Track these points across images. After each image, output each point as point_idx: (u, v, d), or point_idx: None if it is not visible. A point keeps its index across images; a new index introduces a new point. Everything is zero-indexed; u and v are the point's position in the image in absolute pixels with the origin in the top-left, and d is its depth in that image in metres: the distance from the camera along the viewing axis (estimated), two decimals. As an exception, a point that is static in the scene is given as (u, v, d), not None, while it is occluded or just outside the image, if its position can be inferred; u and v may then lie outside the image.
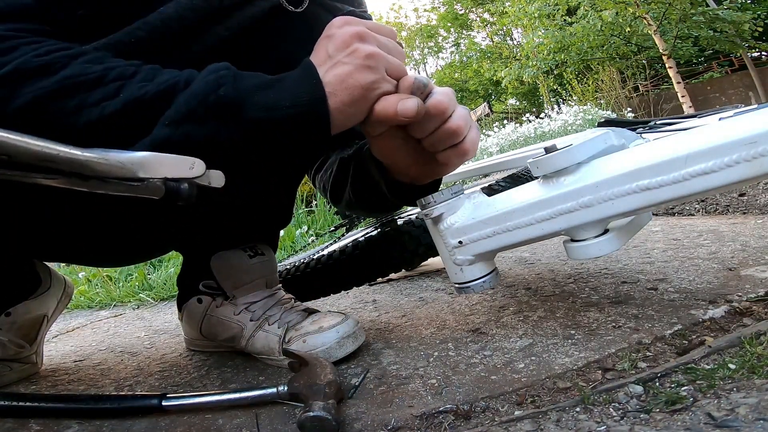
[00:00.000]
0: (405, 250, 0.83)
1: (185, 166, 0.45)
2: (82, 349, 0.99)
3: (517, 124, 6.25)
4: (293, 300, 0.75)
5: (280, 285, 0.79)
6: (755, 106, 0.60)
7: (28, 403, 0.57)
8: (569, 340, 0.58)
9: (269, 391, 0.52)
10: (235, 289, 0.72)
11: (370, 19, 0.75)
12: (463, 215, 0.60)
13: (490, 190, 0.81)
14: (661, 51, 8.25)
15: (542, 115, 6.39)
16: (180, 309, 0.80)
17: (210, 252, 0.72)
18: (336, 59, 0.49)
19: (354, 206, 0.78)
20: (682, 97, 8.05)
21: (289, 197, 0.79)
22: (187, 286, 0.78)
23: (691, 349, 0.51)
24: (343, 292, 0.92)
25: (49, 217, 0.62)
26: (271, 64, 0.61)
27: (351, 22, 0.52)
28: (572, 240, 0.57)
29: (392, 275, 1.09)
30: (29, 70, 0.42)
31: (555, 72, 10.78)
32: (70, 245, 0.71)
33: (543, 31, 9.75)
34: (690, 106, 8.00)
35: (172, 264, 2.02)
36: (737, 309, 0.59)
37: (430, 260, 1.05)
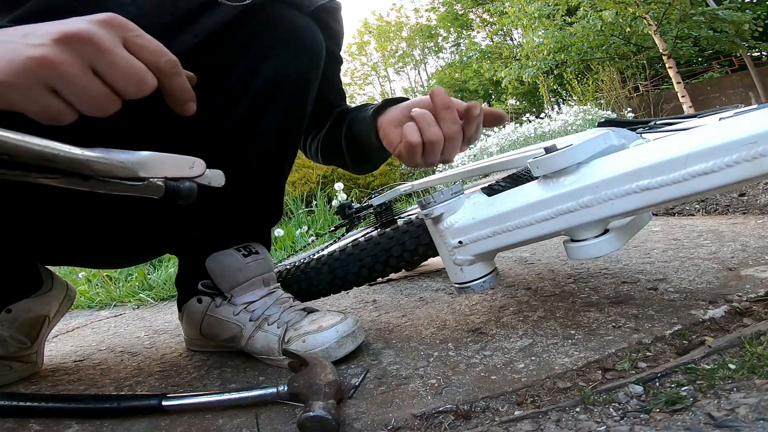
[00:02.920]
0: (405, 250, 0.83)
1: (185, 166, 0.45)
2: (82, 349, 0.99)
3: (517, 124, 6.24)
4: (292, 299, 0.75)
5: (279, 284, 0.79)
6: (755, 106, 0.60)
7: (28, 403, 0.57)
8: (569, 340, 0.58)
9: (269, 391, 0.52)
10: (232, 289, 0.71)
11: (339, 6, 0.79)
12: (463, 215, 0.61)
13: (490, 190, 0.81)
14: (661, 51, 8.25)
15: (542, 115, 6.38)
16: (180, 309, 0.80)
17: (204, 253, 0.72)
18: None
19: (348, 160, 0.85)
20: (682, 97, 8.04)
21: (277, 193, 0.79)
22: (186, 286, 0.78)
23: (691, 349, 0.51)
24: (343, 292, 0.92)
25: (43, 217, 0.62)
26: (240, 68, 0.64)
27: None
28: (572, 240, 0.57)
29: (392, 275, 1.09)
30: None
31: (555, 72, 10.78)
32: (64, 246, 0.71)
33: (543, 31, 9.74)
34: (690, 106, 8.00)
35: (172, 264, 2.02)
36: (737, 309, 0.59)
37: (430, 260, 1.05)
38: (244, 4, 0.63)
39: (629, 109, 7.42)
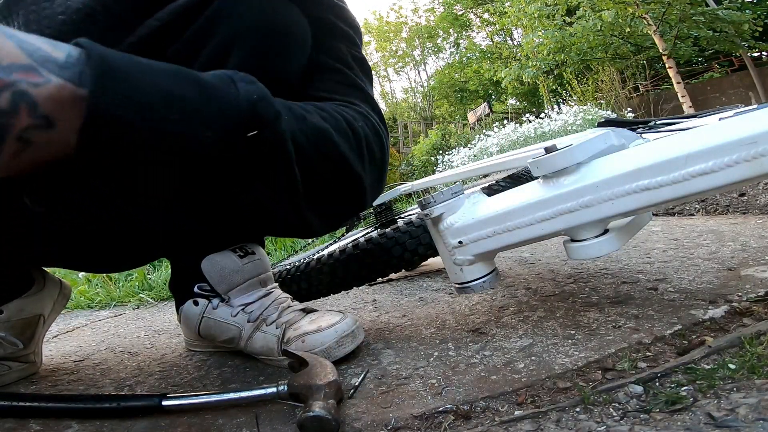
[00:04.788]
0: (405, 250, 0.83)
1: None
2: (82, 349, 0.99)
3: (517, 124, 6.24)
4: (290, 299, 0.75)
5: (276, 284, 0.78)
6: (755, 106, 0.60)
7: (28, 403, 0.57)
8: (569, 340, 0.58)
9: (269, 391, 0.52)
10: (229, 291, 0.71)
11: None
12: (463, 215, 0.61)
13: (490, 190, 0.81)
14: (661, 51, 8.24)
15: (542, 115, 6.37)
16: (177, 312, 0.80)
17: (198, 255, 0.71)
18: None
19: None
20: (682, 97, 8.04)
21: None
22: (181, 290, 0.77)
23: (691, 349, 0.51)
24: (343, 292, 0.93)
25: (38, 222, 0.61)
26: (215, 47, 0.58)
27: None
28: (572, 240, 0.57)
29: (392, 275, 1.09)
30: None
31: (555, 72, 10.77)
32: (57, 251, 0.70)
33: (543, 32, 9.73)
34: (690, 106, 7.99)
35: (172, 264, 2.02)
36: (737, 309, 0.59)
37: (430, 260, 1.05)
38: None
39: (629, 109, 7.41)
